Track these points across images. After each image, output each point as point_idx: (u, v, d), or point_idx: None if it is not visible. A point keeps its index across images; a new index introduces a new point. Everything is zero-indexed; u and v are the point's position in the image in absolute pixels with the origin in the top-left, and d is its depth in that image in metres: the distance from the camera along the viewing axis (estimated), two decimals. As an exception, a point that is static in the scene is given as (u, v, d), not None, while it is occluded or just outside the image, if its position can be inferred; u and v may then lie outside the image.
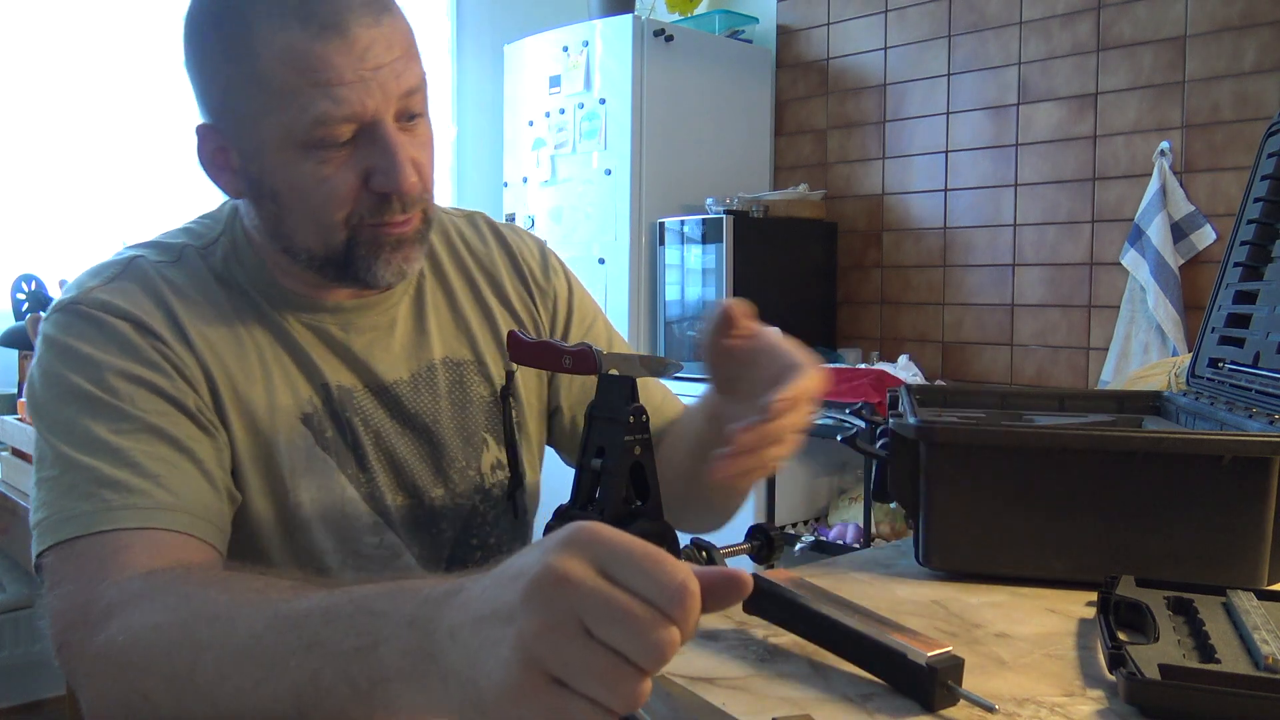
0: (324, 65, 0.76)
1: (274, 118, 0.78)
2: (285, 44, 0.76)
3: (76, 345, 0.80)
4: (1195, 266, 2.63)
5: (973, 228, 3.08)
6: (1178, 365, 1.76)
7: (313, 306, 0.89)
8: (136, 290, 0.83)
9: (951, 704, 0.66)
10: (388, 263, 0.84)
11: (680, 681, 0.70)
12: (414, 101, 0.82)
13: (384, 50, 0.78)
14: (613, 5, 3.38)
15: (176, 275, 0.86)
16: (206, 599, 0.62)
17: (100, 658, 0.64)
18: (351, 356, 0.91)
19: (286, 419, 0.86)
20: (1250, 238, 1.22)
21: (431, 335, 0.96)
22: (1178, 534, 0.89)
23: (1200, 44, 2.60)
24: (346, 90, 0.76)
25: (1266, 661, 0.67)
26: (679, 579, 0.44)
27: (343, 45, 0.76)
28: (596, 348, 0.79)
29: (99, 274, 0.85)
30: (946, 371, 3.17)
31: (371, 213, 0.82)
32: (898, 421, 0.98)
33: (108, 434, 0.76)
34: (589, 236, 3.24)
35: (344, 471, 0.88)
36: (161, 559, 0.71)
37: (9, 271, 2.56)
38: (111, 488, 0.73)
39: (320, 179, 0.80)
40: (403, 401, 0.92)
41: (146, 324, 0.81)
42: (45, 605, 0.70)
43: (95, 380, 0.78)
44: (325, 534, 0.87)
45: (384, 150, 0.79)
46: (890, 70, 3.25)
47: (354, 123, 0.78)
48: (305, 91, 0.76)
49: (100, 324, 0.81)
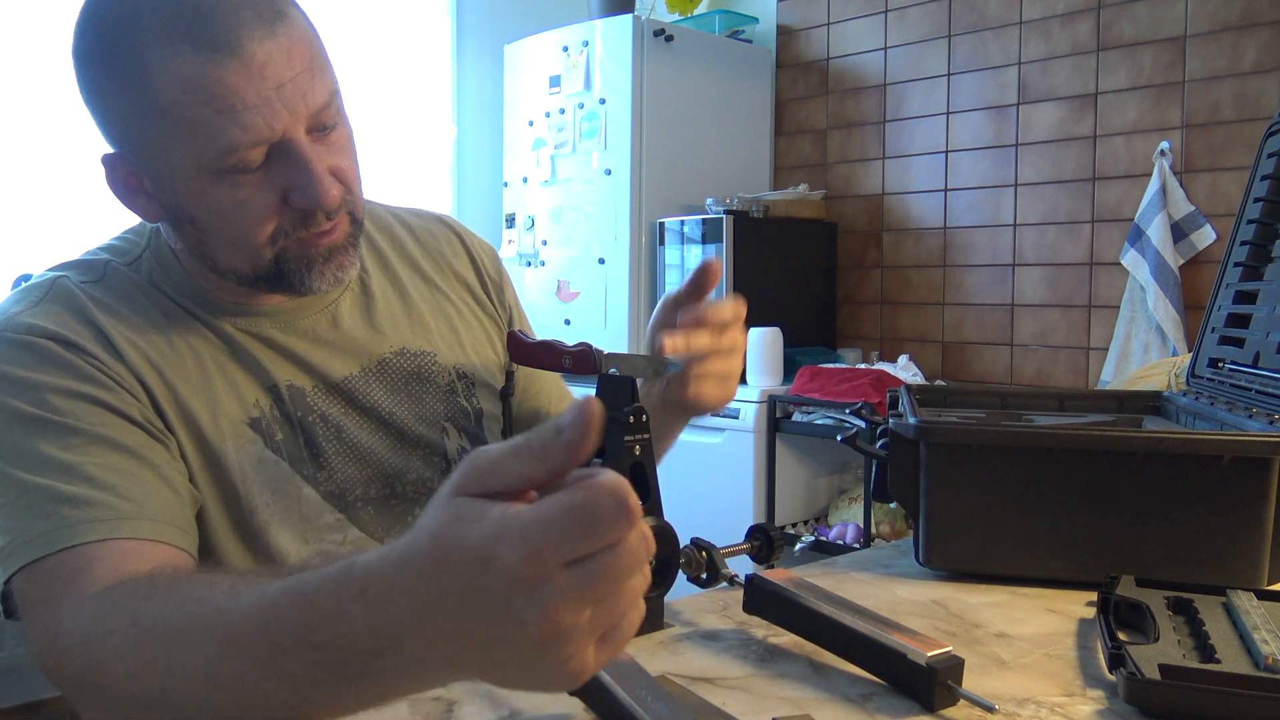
0: (224, 90, 0.73)
1: (181, 147, 0.75)
2: (180, 72, 0.72)
3: (11, 371, 0.78)
4: (1195, 266, 2.63)
5: (973, 228, 3.08)
6: (1178, 365, 1.76)
7: (248, 312, 0.88)
8: (62, 311, 0.81)
9: (951, 704, 0.66)
10: (321, 273, 0.83)
11: (680, 681, 0.70)
12: (326, 115, 0.79)
13: (284, 66, 0.75)
14: (613, 5, 3.38)
15: (102, 293, 0.84)
16: (153, 618, 0.60)
17: (76, 687, 0.63)
18: (296, 357, 0.89)
19: (233, 425, 0.84)
20: (1250, 238, 1.22)
21: (384, 329, 0.95)
22: (1178, 534, 0.89)
23: (1200, 44, 2.60)
24: (251, 115, 0.74)
25: (1266, 661, 0.67)
26: (608, 499, 0.42)
27: (239, 66, 0.73)
28: (596, 348, 0.79)
29: (22, 299, 0.83)
30: (946, 371, 3.17)
31: (295, 227, 0.80)
32: (898, 421, 0.98)
33: (57, 451, 0.74)
34: (589, 236, 3.24)
35: (299, 473, 0.87)
36: (129, 569, 0.69)
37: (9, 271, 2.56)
38: (69, 503, 0.71)
39: (237, 202, 0.78)
40: (357, 395, 0.91)
41: (76, 343, 0.79)
42: (24, 633, 0.69)
43: (36, 402, 0.76)
44: (286, 536, 0.86)
45: (299, 168, 0.77)
46: (890, 70, 3.25)
47: (264, 145, 0.76)
48: (210, 120, 0.73)
49: (31, 347, 0.79)
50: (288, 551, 0.86)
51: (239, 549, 0.85)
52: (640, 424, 0.78)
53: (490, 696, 0.67)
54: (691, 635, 0.79)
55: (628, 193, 3.15)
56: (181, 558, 0.75)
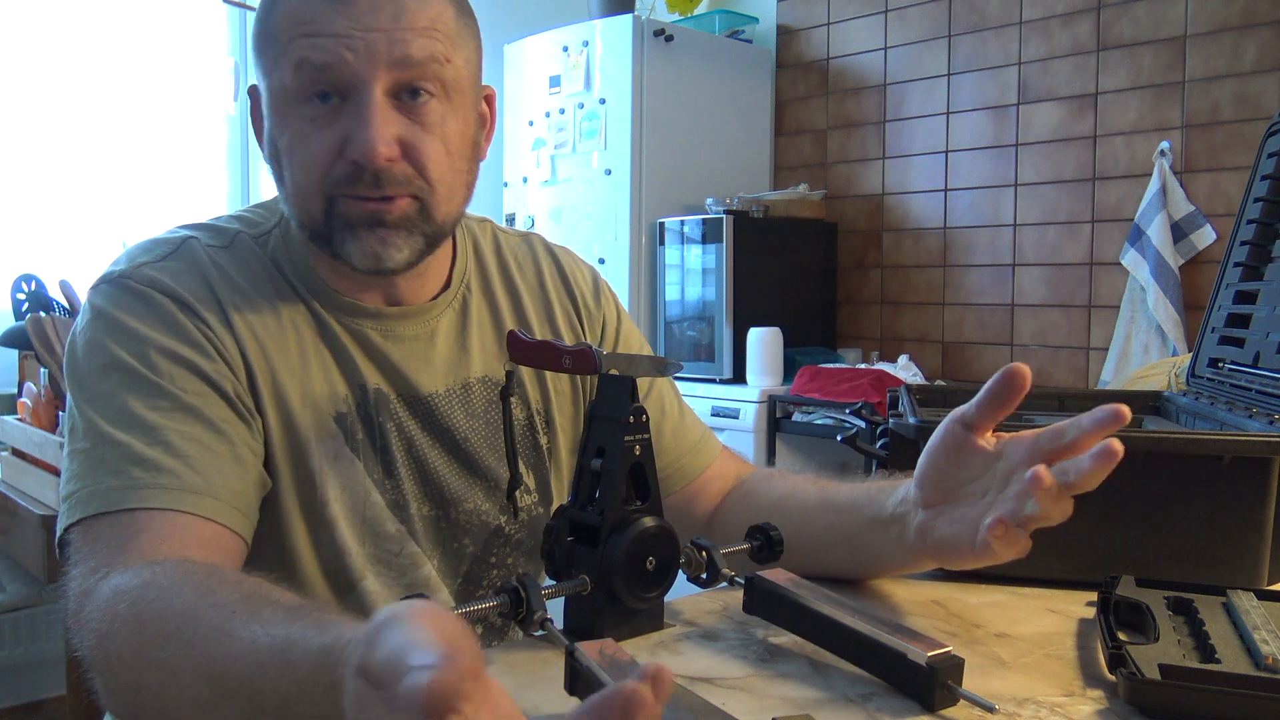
0: (318, 17, 0.77)
1: (275, 71, 0.80)
2: (295, 3, 0.78)
3: (123, 319, 0.80)
4: (1195, 266, 2.63)
5: (973, 228, 3.08)
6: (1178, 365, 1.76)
7: (353, 310, 0.89)
8: (186, 271, 0.84)
9: (951, 704, 0.66)
10: (359, 242, 0.81)
11: (680, 681, 0.69)
12: (414, 74, 0.79)
13: (388, 17, 0.78)
14: (613, 5, 3.38)
15: (227, 260, 0.86)
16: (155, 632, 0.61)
17: (90, 661, 0.65)
18: (389, 364, 0.90)
19: (320, 415, 0.86)
20: (1250, 238, 1.22)
21: (473, 353, 0.94)
22: (1178, 534, 0.89)
23: (1200, 44, 2.60)
24: (330, 41, 0.77)
25: (1266, 661, 0.67)
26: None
27: (344, 5, 0.77)
28: (596, 348, 0.79)
29: (150, 250, 0.85)
30: (946, 371, 3.17)
31: (343, 182, 0.80)
32: (898, 421, 0.98)
33: (144, 410, 0.76)
34: (589, 236, 3.24)
35: (370, 476, 0.88)
36: (179, 544, 0.71)
37: (9, 271, 2.56)
38: (141, 465, 0.73)
39: (303, 135, 0.80)
40: (436, 415, 0.91)
41: (192, 305, 0.82)
42: (65, 582, 0.71)
43: (138, 355, 0.78)
44: (350, 535, 0.87)
45: (359, 115, 0.78)
46: (890, 70, 3.25)
47: (332, 74, 0.78)
48: (296, 41, 0.78)
49: (148, 300, 0.81)
50: (349, 549, 0.87)
51: (305, 537, 0.86)
52: (640, 424, 0.78)
53: (490, 696, 0.67)
54: (691, 635, 0.79)
55: (628, 193, 3.15)
56: (232, 541, 0.76)
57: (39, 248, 2.80)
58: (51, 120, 2.84)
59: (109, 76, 2.94)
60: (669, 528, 0.78)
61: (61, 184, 2.86)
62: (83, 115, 2.89)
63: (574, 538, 0.77)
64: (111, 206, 2.95)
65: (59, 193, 2.86)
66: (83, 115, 2.89)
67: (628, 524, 0.76)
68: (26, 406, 2.19)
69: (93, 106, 2.91)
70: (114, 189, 2.96)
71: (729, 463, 1.06)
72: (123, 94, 2.97)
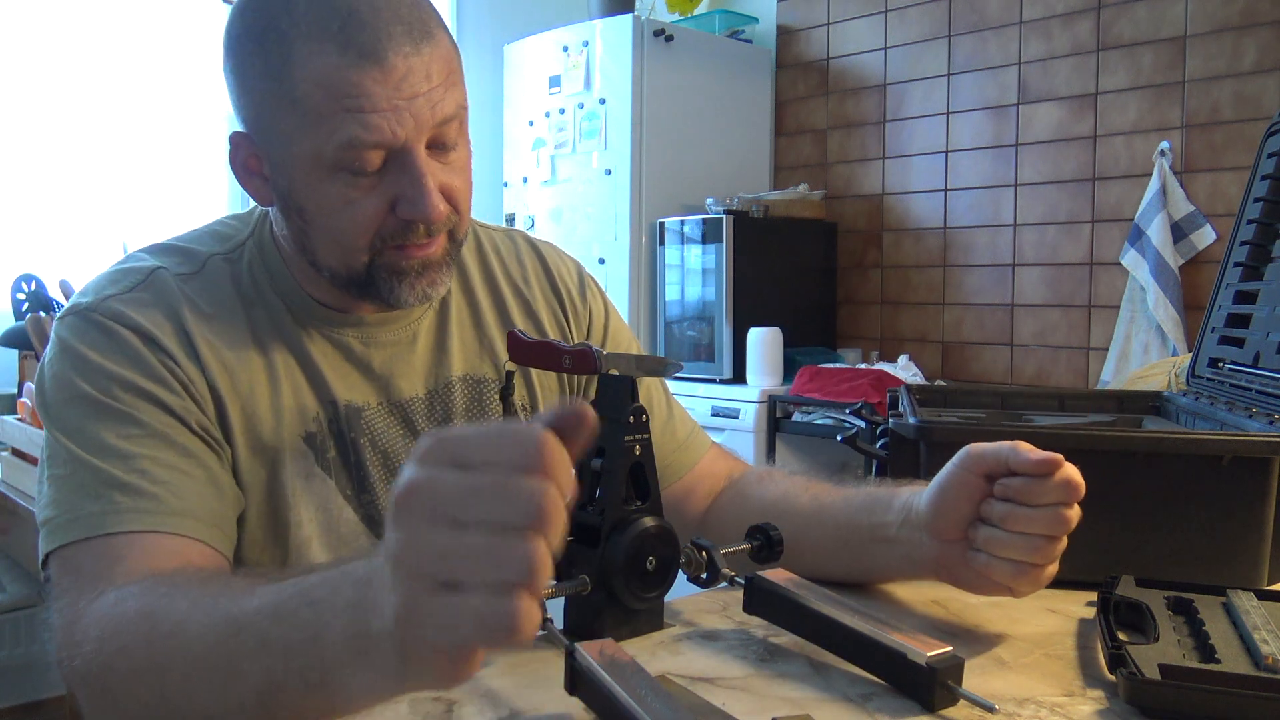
0: (358, 91, 0.75)
1: (305, 139, 0.77)
2: (321, 69, 0.75)
3: (87, 354, 0.80)
4: (1195, 266, 2.63)
5: (973, 228, 3.08)
6: (1178, 365, 1.76)
7: (335, 320, 0.89)
8: (153, 303, 0.83)
9: (951, 704, 0.66)
10: (411, 286, 0.84)
11: (680, 681, 0.70)
12: (449, 130, 0.80)
13: (421, 79, 0.77)
14: (613, 5, 3.38)
15: (197, 289, 0.85)
16: (169, 611, 0.62)
17: (83, 681, 0.64)
18: (370, 372, 0.90)
19: (291, 438, 0.85)
20: (1250, 238, 1.22)
21: (452, 352, 0.94)
22: (1177, 534, 0.89)
23: (1200, 44, 2.60)
24: (378, 118, 0.76)
25: (1266, 661, 0.67)
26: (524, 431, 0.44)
27: (379, 74, 0.75)
28: (596, 348, 0.79)
29: (117, 281, 0.84)
30: (946, 371, 3.17)
31: (394, 236, 0.81)
32: (898, 421, 0.98)
33: (116, 440, 0.76)
34: (589, 236, 3.24)
35: (342, 492, 0.87)
36: (161, 565, 0.70)
37: (9, 271, 2.56)
38: (121, 490, 0.74)
39: (347, 201, 0.79)
40: (415, 420, 0.91)
41: (157, 339, 0.81)
42: (50, 616, 0.71)
43: (102, 389, 0.78)
44: (322, 554, 0.86)
45: (412, 179, 0.79)
46: (890, 70, 3.25)
47: (383, 149, 0.77)
48: (338, 116, 0.75)
49: (111, 334, 0.80)
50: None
51: (278, 560, 0.85)
52: (640, 424, 0.78)
53: (490, 697, 0.67)
54: (691, 635, 0.79)
55: (628, 193, 3.15)
56: (217, 559, 0.76)
57: (39, 248, 2.80)
58: (52, 120, 2.84)
59: (110, 77, 2.94)
60: (669, 528, 0.78)
61: (62, 184, 2.86)
62: (84, 115, 2.89)
63: (574, 538, 0.77)
64: (112, 207, 2.95)
65: (59, 193, 2.86)
66: (84, 115, 2.89)
67: (628, 524, 0.76)
68: (26, 406, 2.19)
69: (94, 107, 2.91)
70: (115, 189, 2.96)
71: (720, 461, 1.06)
72: (124, 94, 2.97)
